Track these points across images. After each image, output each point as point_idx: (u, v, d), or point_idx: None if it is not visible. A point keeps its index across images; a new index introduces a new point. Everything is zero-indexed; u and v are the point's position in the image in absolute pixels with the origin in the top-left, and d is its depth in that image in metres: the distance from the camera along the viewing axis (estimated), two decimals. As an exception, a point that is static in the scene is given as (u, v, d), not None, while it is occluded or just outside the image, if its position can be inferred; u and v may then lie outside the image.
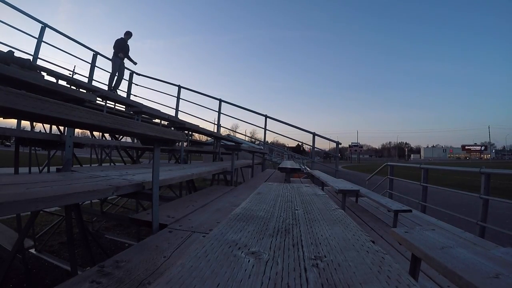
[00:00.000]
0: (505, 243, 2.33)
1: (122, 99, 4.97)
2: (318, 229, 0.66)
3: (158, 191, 1.42)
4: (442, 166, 5.57)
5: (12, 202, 0.85)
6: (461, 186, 9.69)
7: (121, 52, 6.04)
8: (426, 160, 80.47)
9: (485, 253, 0.99)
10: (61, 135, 2.32)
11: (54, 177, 1.55)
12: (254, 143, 15.73)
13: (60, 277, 3.13)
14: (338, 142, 6.35)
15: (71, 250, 1.86)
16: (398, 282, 0.38)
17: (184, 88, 6.87)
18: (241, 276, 0.39)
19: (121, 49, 6.09)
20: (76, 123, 0.86)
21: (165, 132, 1.33)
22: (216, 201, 2.17)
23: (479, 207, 2.62)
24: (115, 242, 4.53)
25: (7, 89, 0.62)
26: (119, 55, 6.01)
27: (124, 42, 6.21)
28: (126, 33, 6.28)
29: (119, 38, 6.18)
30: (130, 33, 6.33)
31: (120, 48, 6.09)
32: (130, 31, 6.35)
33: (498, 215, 5.39)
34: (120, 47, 6.09)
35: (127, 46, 6.27)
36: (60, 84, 2.77)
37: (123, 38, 6.20)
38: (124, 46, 6.18)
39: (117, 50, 6.06)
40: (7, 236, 2.62)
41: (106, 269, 0.88)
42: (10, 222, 3.62)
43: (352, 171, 27.16)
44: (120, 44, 6.12)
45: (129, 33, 6.31)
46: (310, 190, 1.30)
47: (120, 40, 6.15)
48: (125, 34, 6.27)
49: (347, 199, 3.48)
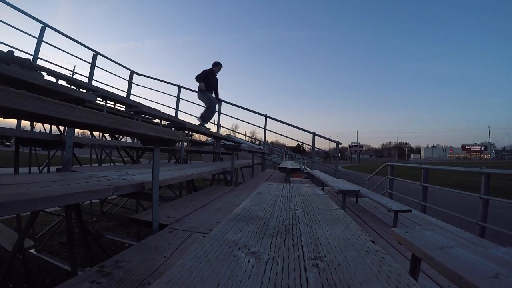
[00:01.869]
0: (505, 243, 2.33)
1: (122, 99, 4.96)
2: (318, 229, 0.66)
3: (158, 191, 1.42)
4: (442, 166, 5.58)
5: (12, 202, 0.85)
6: (461, 186, 9.70)
7: (205, 83, 5.30)
8: (426, 160, 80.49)
9: (485, 253, 0.99)
10: (61, 135, 2.32)
11: (54, 177, 1.54)
12: (254, 143, 15.73)
13: (60, 277, 3.13)
14: (338, 142, 6.35)
15: (71, 250, 1.85)
16: (398, 282, 0.38)
17: (184, 88, 6.87)
18: (241, 276, 0.39)
19: (206, 81, 5.33)
20: (76, 123, 0.86)
21: (165, 132, 1.33)
22: (216, 201, 2.17)
23: (479, 207, 2.63)
24: (115, 242, 4.53)
25: (7, 89, 0.62)
26: (200, 86, 5.28)
27: (213, 74, 5.47)
28: (214, 64, 5.51)
29: (208, 69, 5.42)
30: (220, 65, 5.52)
31: (205, 80, 5.33)
32: (219, 62, 5.52)
33: (498, 215, 5.39)
34: (205, 79, 5.34)
35: (215, 79, 5.55)
36: (60, 84, 2.78)
37: (212, 70, 5.47)
38: (212, 79, 5.44)
39: (201, 81, 5.31)
40: (7, 236, 2.62)
41: (106, 269, 0.88)
42: (10, 222, 3.61)
43: (352, 171, 27.16)
44: (208, 76, 5.37)
45: (218, 64, 5.52)
46: (310, 190, 1.30)
47: (209, 72, 5.39)
48: (214, 65, 5.50)
49: (347, 199, 3.48)
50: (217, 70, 5.55)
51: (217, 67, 5.52)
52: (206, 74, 5.38)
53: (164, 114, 4.98)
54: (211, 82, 5.44)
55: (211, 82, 5.45)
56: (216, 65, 5.55)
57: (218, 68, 5.54)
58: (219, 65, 5.57)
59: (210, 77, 5.43)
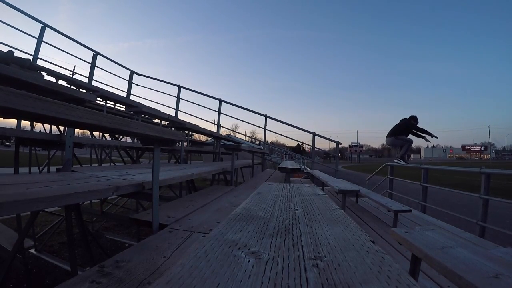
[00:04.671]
0: (505, 243, 2.33)
1: (122, 99, 4.96)
2: (318, 229, 0.66)
3: (158, 191, 1.42)
4: (442, 166, 5.57)
5: (12, 202, 0.85)
6: (461, 186, 9.69)
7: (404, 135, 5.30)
8: (426, 160, 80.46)
9: (485, 253, 0.99)
10: (61, 135, 2.32)
11: (54, 177, 1.54)
12: (254, 143, 15.72)
13: (60, 277, 3.13)
14: (338, 142, 6.35)
15: (71, 250, 1.85)
16: (398, 282, 0.38)
17: (184, 88, 6.87)
18: (241, 276, 0.39)
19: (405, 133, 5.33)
20: (76, 123, 0.86)
21: (165, 132, 1.33)
22: (216, 201, 2.17)
23: (479, 207, 2.63)
24: (115, 242, 4.53)
25: (7, 89, 0.62)
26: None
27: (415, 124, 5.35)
28: (413, 118, 5.42)
29: (408, 121, 5.37)
30: (416, 119, 5.40)
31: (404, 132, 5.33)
32: (415, 116, 5.40)
33: (498, 215, 5.39)
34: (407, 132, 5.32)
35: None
36: (60, 84, 2.78)
37: (412, 122, 5.37)
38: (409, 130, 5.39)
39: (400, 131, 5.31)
40: (7, 236, 2.62)
41: (106, 269, 0.88)
42: (10, 222, 3.61)
43: (352, 171, 27.16)
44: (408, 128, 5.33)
45: (414, 118, 5.40)
46: (310, 190, 1.30)
47: (409, 124, 5.35)
48: (413, 119, 5.40)
49: (347, 199, 3.48)
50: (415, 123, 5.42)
51: (415, 121, 5.40)
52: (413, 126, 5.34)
53: (164, 114, 4.98)
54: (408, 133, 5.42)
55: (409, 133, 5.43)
56: (414, 119, 5.41)
57: (415, 122, 5.41)
58: (416, 120, 5.42)
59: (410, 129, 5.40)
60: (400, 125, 5.43)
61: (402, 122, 5.44)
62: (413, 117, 5.41)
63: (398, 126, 5.43)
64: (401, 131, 5.37)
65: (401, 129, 5.39)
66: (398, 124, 5.46)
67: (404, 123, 5.42)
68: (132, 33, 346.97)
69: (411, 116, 5.43)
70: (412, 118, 5.41)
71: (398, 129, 5.40)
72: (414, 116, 5.43)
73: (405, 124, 5.38)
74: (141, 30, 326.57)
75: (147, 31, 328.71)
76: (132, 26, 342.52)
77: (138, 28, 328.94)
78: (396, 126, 5.46)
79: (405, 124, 5.38)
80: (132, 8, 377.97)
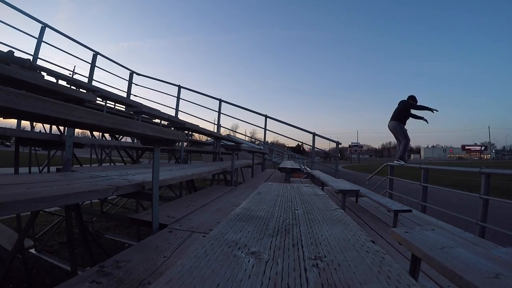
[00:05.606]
0: (505, 243, 2.33)
1: (122, 99, 4.96)
2: (318, 229, 0.66)
3: (158, 191, 1.42)
4: (442, 166, 5.56)
5: (12, 202, 0.85)
6: (461, 186, 9.69)
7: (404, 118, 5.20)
8: (426, 160, 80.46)
9: (485, 253, 0.99)
10: (61, 135, 2.32)
11: (54, 177, 1.54)
12: (254, 143, 15.72)
13: (60, 277, 3.13)
14: (338, 142, 6.35)
15: (71, 250, 1.86)
16: (398, 282, 0.38)
17: (184, 88, 6.87)
18: (241, 276, 0.39)
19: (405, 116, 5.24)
20: (76, 123, 0.86)
21: (165, 132, 1.33)
22: (216, 201, 2.17)
23: (479, 207, 2.62)
24: (115, 242, 4.53)
25: (7, 89, 0.62)
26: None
27: (414, 104, 5.23)
28: (411, 98, 5.28)
29: (406, 102, 5.23)
30: (415, 98, 5.27)
31: (406, 115, 5.23)
32: (413, 96, 5.25)
33: (498, 215, 5.39)
34: (408, 113, 5.21)
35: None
36: (60, 84, 2.78)
37: (411, 102, 5.25)
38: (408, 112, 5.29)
39: (403, 115, 5.19)
40: (7, 236, 2.62)
41: (106, 269, 0.88)
42: (10, 222, 3.61)
43: (352, 171, 27.16)
44: (408, 108, 5.20)
45: (413, 98, 5.27)
46: (310, 190, 1.30)
47: (408, 104, 5.21)
48: (411, 98, 5.27)
49: (347, 199, 3.48)
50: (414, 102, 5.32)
51: (413, 100, 5.29)
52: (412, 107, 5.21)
53: (164, 114, 4.99)
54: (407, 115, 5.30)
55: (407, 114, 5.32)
56: (413, 98, 5.30)
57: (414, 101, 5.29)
58: (415, 99, 5.30)
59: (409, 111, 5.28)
60: (400, 108, 5.28)
61: (402, 104, 5.28)
62: (412, 97, 5.26)
63: (399, 110, 5.28)
64: (404, 116, 5.24)
65: (404, 113, 5.25)
66: (398, 108, 5.30)
67: (403, 105, 5.26)
68: (132, 33, 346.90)
69: (410, 96, 5.28)
70: (410, 97, 5.27)
71: (401, 113, 5.25)
72: (413, 96, 5.27)
73: (405, 106, 5.25)
74: (141, 30, 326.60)
75: (147, 31, 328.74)
76: (132, 26, 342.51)
77: (138, 28, 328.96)
78: (397, 110, 5.31)
79: (405, 106, 5.25)
80: (132, 8, 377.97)
